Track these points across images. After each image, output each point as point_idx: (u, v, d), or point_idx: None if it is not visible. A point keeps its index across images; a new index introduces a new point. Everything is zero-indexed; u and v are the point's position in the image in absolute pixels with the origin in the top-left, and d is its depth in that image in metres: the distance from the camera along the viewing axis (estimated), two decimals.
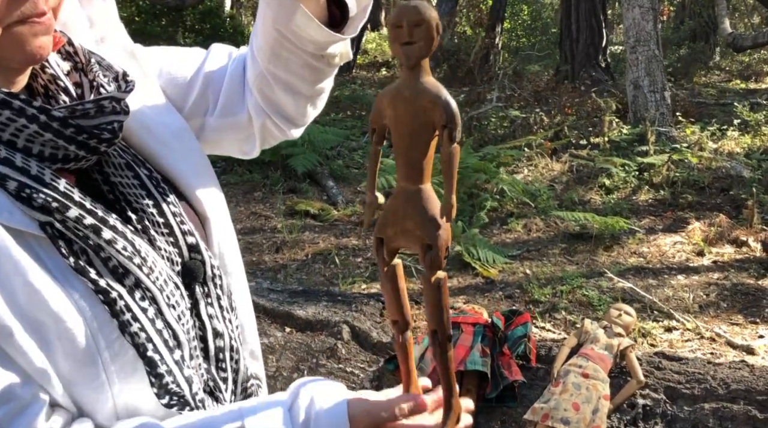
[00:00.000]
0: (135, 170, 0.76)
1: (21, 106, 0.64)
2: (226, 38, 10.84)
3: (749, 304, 3.82)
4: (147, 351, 0.68)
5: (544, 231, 5.04)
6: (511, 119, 7.61)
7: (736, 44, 8.82)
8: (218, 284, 0.82)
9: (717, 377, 1.27)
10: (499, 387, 1.28)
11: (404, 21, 0.57)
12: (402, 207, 0.65)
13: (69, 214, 0.65)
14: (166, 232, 0.76)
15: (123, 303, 0.67)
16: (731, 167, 5.89)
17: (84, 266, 0.66)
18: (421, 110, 0.61)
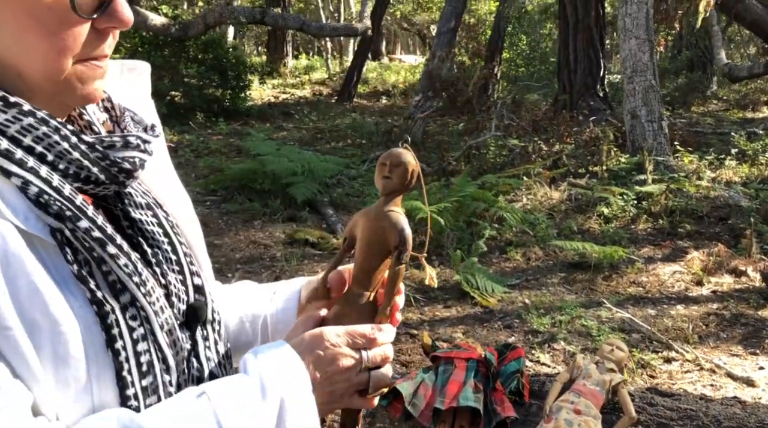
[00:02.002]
0: (154, 210, 0.81)
1: (57, 126, 0.70)
2: (228, 68, 11.00)
3: (749, 335, 3.81)
4: (122, 370, 0.70)
5: (543, 260, 5.04)
6: (509, 147, 7.67)
7: (732, 74, 8.92)
8: (216, 329, 0.84)
9: (709, 413, 1.27)
10: (491, 423, 1.28)
11: (388, 161, 0.76)
12: (343, 308, 0.79)
13: (80, 224, 0.68)
14: (177, 270, 0.80)
15: (113, 318, 0.69)
16: (729, 196, 5.91)
17: (85, 275, 0.68)
18: (381, 229, 0.75)
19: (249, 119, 11.32)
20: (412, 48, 30.11)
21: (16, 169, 0.66)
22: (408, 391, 1.33)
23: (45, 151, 0.69)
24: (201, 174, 7.44)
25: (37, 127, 0.68)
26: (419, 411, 1.31)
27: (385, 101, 13.51)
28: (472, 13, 14.38)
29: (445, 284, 4.58)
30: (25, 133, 0.68)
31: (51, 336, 0.66)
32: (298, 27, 11.26)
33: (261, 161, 6.67)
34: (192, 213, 0.92)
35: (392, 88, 14.88)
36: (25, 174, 0.66)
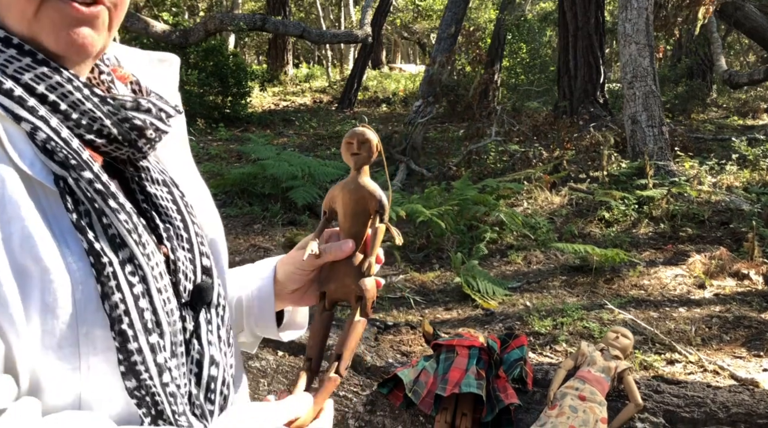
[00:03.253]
0: (170, 188, 0.80)
1: (70, 76, 0.70)
2: (229, 75, 11.01)
3: (752, 337, 3.78)
4: (122, 323, 0.68)
5: (544, 263, 5.01)
6: (510, 153, 7.66)
7: (732, 81, 8.93)
8: (221, 314, 0.83)
9: (717, 400, 1.24)
10: (494, 411, 1.25)
11: (355, 139, 0.84)
12: (344, 268, 0.86)
13: (83, 174, 0.67)
14: (187, 247, 0.78)
15: (111, 271, 0.67)
16: (731, 200, 5.90)
17: (84, 226, 0.67)
18: (362, 199, 0.85)
19: (249, 125, 11.32)
20: (412, 57, 30.20)
21: (27, 115, 0.66)
22: (409, 378, 1.31)
23: (58, 100, 0.69)
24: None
25: (50, 76, 0.68)
26: (420, 399, 1.28)
27: (385, 109, 13.52)
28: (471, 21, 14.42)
29: (446, 286, 4.56)
30: (39, 81, 0.68)
31: (41, 283, 0.64)
32: (299, 34, 11.29)
33: (261, 165, 6.66)
34: (211, 202, 0.91)
35: (392, 95, 14.91)
36: (35, 121, 0.66)
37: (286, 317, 1.01)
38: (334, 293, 0.87)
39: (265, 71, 16.32)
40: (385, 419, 1.31)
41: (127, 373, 0.69)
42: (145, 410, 0.71)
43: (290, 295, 0.95)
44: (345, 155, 0.86)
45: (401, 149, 8.06)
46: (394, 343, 1.52)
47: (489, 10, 19.12)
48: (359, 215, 0.86)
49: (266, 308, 0.95)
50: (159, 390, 0.71)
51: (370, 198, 0.85)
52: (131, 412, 0.71)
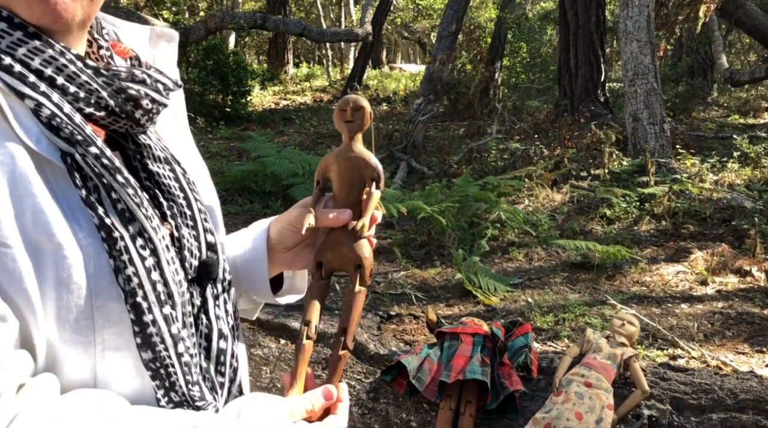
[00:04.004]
0: (172, 165, 0.80)
1: (62, 49, 0.68)
2: (229, 74, 11.00)
3: (755, 333, 3.76)
4: (136, 296, 0.68)
5: (546, 260, 5.00)
6: (511, 151, 7.65)
7: (733, 79, 8.92)
8: (227, 288, 0.83)
9: (725, 387, 1.23)
10: (499, 398, 1.23)
11: (348, 107, 0.83)
12: (341, 237, 0.85)
13: (90, 150, 0.67)
14: (191, 225, 0.79)
15: (123, 245, 0.67)
16: (732, 198, 5.88)
17: (93, 201, 0.67)
18: (357, 167, 0.84)
19: (250, 124, 11.31)
20: (412, 57, 30.20)
21: (30, 91, 0.66)
22: (412, 365, 1.29)
23: (54, 74, 0.68)
24: None
25: (43, 49, 0.67)
26: (424, 386, 1.27)
27: (386, 107, 13.51)
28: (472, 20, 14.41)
29: (447, 282, 4.54)
30: (33, 55, 0.67)
31: (54, 259, 0.64)
32: (299, 32, 11.28)
33: (262, 162, 6.65)
34: (208, 177, 0.91)
35: (393, 95, 14.90)
36: (38, 97, 0.66)
37: (285, 283, 1.00)
38: (331, 262, 0.86)
39: (266, 70, 16.31)
40: (388, 406, 1.29)
41: (143, 345, 0.69)
42: (158, 382, 0.71)
43: (283, 255, 0.94)
44: (338, 122, 0.85)
45: (402, 147, 8.05)
46: (397, 332, 1.51)
47: (489, 9, 19.12)
48: (354, 184, 0.85)
49: (260, 270, 0.93)
50: (174, 360, 0.72)
51: (365, 166, 0.84)
52: (144, 387, 0.71)
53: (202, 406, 0.74)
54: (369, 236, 0.87)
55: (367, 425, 1.27)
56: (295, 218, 0.92)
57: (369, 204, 0.84)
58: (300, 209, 0.92)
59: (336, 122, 0.85)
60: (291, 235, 0.92)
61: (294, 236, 0.92)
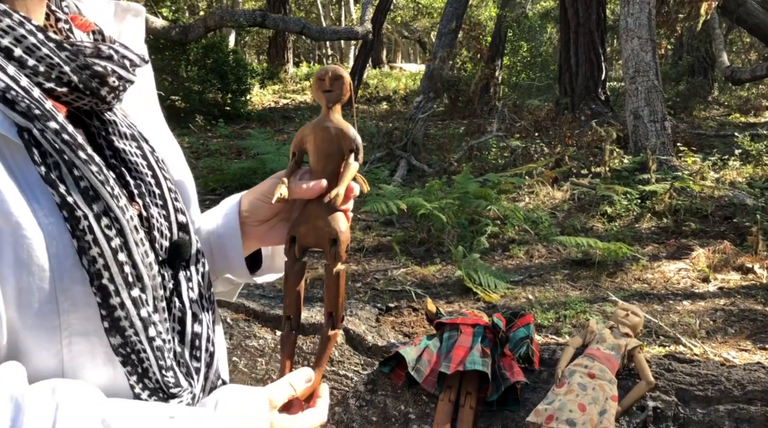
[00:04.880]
0: (139, 143, 0.76)
1: (21, 20, 0.64)
2: (229, 72, 10.97)
3: (757, 330, 3.73)
4: (102, 278, 0.64)
5: (546, 258, 4.97)
6: (511, 148, 7.62)
7: (734, 77, 8.89)
8: (200, 270, 0.80)
9: (732, 378, 1.20)
10: (500, 389, 1.20)
11: (327, 76, 0.81)
12: (315, 210, 0.82)
13: (49, 124, 0.63)
14: (160, 204, 0.75)
15: (86, 224, 0.64)
16: (734, 195, 5.85)
17: (54, 179, 0.63)
18: (336, 138, 0.81)
19: (249, 122, 11.28)
20: (412, 57, 30.18)
21: None
22: (411, 356, 1.26)
23: (11, 45, 0.63)
24: (201, 174, 7.38)
25: (0, 19, 0.63)
26: (423, 377, 1.23)
27: (386, 106, 13.47)
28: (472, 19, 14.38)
29: (447, 280, 4.51)
30: None
31: (13, 239, 0.60)
32: (299, 30, 11.26)
33: (261, 160, 6.62)
34: (182, 157, 0.87)
35: (393, 94, 14.87)
36: None
37: (265, 262, 0.96)
38: (305, 237, 0.82)
39: (265, 69, 16.28)
40: (386, 398, 1.26)
41: (111, 329, 0.66)
42: (130, 368, 0.68)
43: (256, 229, 0.90)
44: (316, 93, 0.82)
45: (402, 145, 8.01)
46: (396, 324, 1.48)
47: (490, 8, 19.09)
48: (332, 156, 0.82)
49: (234, 245, 0.89)
50: (145, 345, 0.68)
51: (343, 137, 0.81)
52: (116, 374, 0.68)
53: (177, 393, 0.71)
54: (346, 209, 0.84)
55: (364, 417, 1.24)
56: (267, 188, 0.88)
57: (345, 174, 0.81)
58: (273, 180, 0.88)
59: (314, 92, 0.82)
60: (264, 207, 0.88)
61: (267, 207, 0.88)
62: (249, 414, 0.72)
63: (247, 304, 1.51)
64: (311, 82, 0.81)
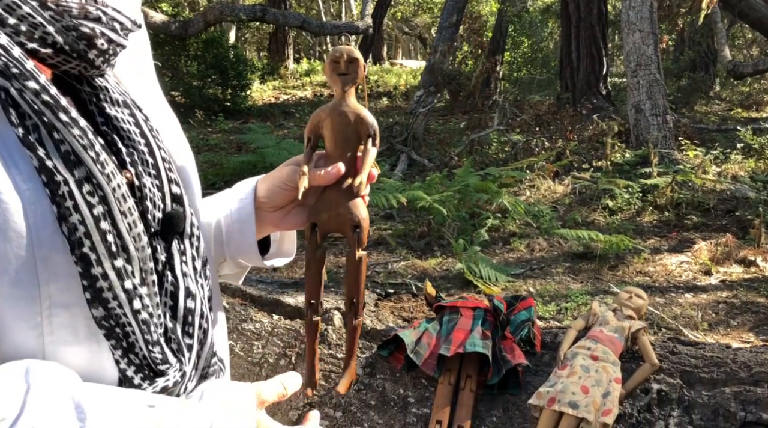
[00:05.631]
0: (131, 110, 0.73)
1: None
2: (229, 67, 10.94)
3: (760, 322, 3.71)
4: (83, 247, 0.61)
5: (548, 251, 4.94)
6: (512, 142, 7.59)
7: (736, 71, 8.85)
8: (195, 244, 0.77)
9: (738, 360, 1.17)
10: (501, 372, 1.18)
11: (342, 59, 0.77)
12: (336, 197, 0.80)
13: (28, 84, 0.60)
14: (153, 174, 0.72)
15: (67, 190, 0.61)
16: (736, 189, 5.82)
17: (33, 142, 0.60)
18: (353, 123, 0.79)
19: (249, 117, 11.25)
20: (413, 53, 30.12)
21: None
22: (410, 339, 1.24)
23: None
24: (200, 169, 7.32)
25: None
26: (422, 360, 1.21)
27: (387, 102, 13.44)
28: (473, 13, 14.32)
29: (448, 273, 4.49)
30: None
31: None
32: (299, 25, 11.22)
33: (261, 154, 6.60)
34: (179, 129, 0.84)
35: (393, 89, 14.83)
36: None
37: (273, 247, 0.95)
38: (327, 224, 0.81)
39: (265, 64, 16.25)
40: (385, 382, 1.24)
41: (93, 300, 0.63)
42: (114, 342, 0.65)
43: (272, 215, 0.89)
44: (331, 76, 0.79)
45: (402, 140, 7.98)
46: (395, 309, 1.45)
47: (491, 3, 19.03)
48: (350, 141, 0.80)
49: (247, 230, 0.88)
50: (130, 318, 0.65)
51: (361, 122, 0.79)
52: (101, 348, 0.65)
53: (164, 370, 0.68)
54: (364, 195, 0.82)
55: (363, 401, 1.22)
56: (287, 175, 0.87)
57: (366, 161, 0.79)
58: (291, 167, 0.87)
59: (328, 75, 0.79)
60: (282, 193, 0.87)
61: (285, 194, 0.87)
62: (234, 408, 0.70)
63: (244, 289, 1.49)
64: (324, 66, 0.80)
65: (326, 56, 0.80)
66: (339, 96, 0.80)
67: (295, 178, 0.85)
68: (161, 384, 0.68)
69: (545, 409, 1.11)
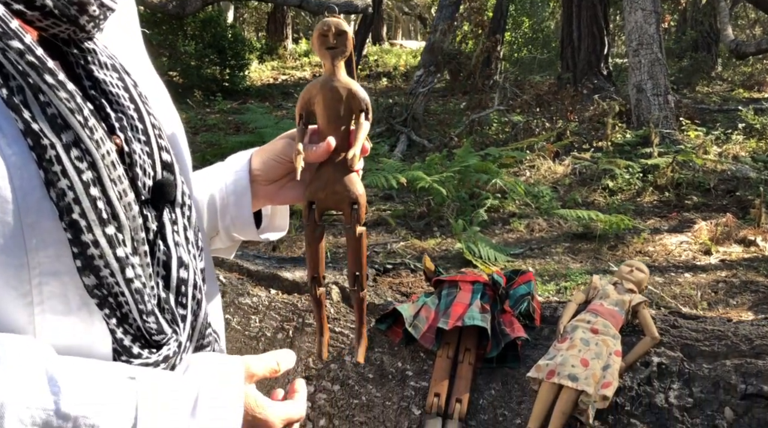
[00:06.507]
0: (120, 74, 0.71)
1: None
2: (227, 47, 10.85)
3: (759, 301, 3.71)
4: (72, 213, 0.59)
5: (547, 231, 4.93)
6: (512, 123, 7.54)
7: (739, 50, 8.77)
8: (186, 214, 0.75)
9: (739, 333, 1.16)
10: (500, 346, 1.17)
11: (330, 31, 0.76)
12: (332, 174, 0.79)
13: (11, 43, 0.58)
14: (143, 140, 0.70)
15: (54, 154, 0.59)
16: (737, 169, 5.80)
17: (18, 103, 0.58)
18: (344, 98, 0.78)
19: (248, 98, 11.18)
20: (413, 34, 29.87)
21: None
22: (408, 313, 1.23)
23: None
24: (198, 149, 7.32)
25: None
26: (421, 333, 1.20)
27: (386, 83, 13.35)
28: None
29: (447, 253, 4.48)
30: None
31: None
32: (297, 4, 11.09)
33: (260, 134, 6.56)
34: (168, 97, 0.82)
35: (393, 70, 14.72)
36: None
37: (264, 221, 0.94)
38: (325, 201, 0.81)
39: (264, 44, 16.12)
40: (383, 355, 1.23)
41: (84, 269, 0.61)
42: (108, 311, 0.63)
43: (266, 188, 0.88)
44: (319, 49, 0.77)
45: (402, 120, 7.93)
46: (394, 284, 1.44)
47: None
48: (342, 117, 0.79)
49: (243, 203, 0.87)
50: (123, 288, 0.63)
51: (353, 97, 0.78)
52: (93, 318, 0.64)
53: (160, 340, 0.67)
54: (358, 169, 0.82)
55: (360, 374, 1.21)
56: (281, 148, 0.86)
57: (359, 134, 0.79)
58: (286, 140, 0.86)
59: (317, 49, 0.78)
60: (277, 166, 0.86)
61: (280, 167, 0.86)
62: (223, 379, 0.68)
63: (241, 263, 1.48)
64: (312, 41, 0.78)
65: (318, 25, 0.78)
66: (329, 70, 0.78)
67: (290, 151, 0.85)
68: (164, 353, 0.67)
69: (544, 382, 1.10)
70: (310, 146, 0.79)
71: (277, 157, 0.86)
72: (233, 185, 0.88)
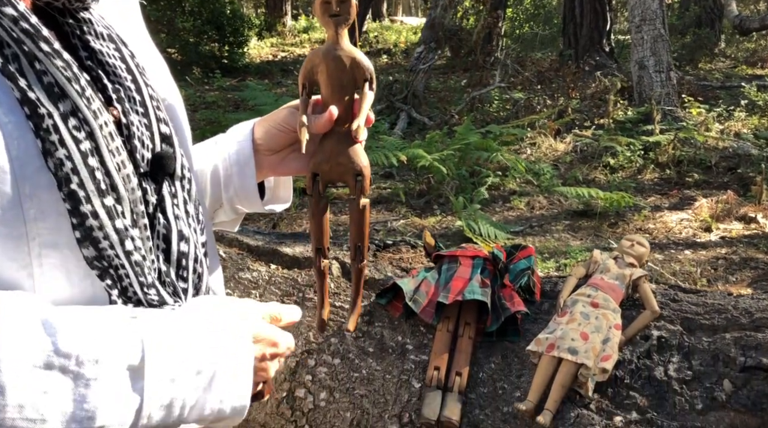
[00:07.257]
0: (117, 44, 0.69)
1: None
2: (225, 23, 10.73)
3: (759, 278, 3.71)
4: (70, 183, 0.59)
5: (548, 209, 4.93)
6: (514, 100, 7.49)
7: (743, 26, 8.68)
8: (186, 187, 0.74)
9: (739, 307, 1.16)
10: (500, 320, 1.17)
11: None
12: (336, 146, 0.79)
13: (5, 10, 0.57)
14: (141, 112, 0.69)
15: (51, 123, 0.58)
16: (738, 146, 5.77)
17: (13, 71, 0.57)
18: (348, 68, 0.77)
19: (247, 75, 11.09)
20: (413, 10, 29.56)
21: None
22: (409, 287, 1.23)
23: None
24: (198, 126, 7.29)
25: None
26: (421, 308, 1.20)
27: (386, 59, 13.24)
28: None
29: (447, 231, 4.48)
30: None
31: None
32: None
33: (259, 111, 6.52)
34: (166, 70, 0.81)
35: (393, 47, 14.59)
36: None
37: (267, 193, 0.93)
38: (328, 174, 0.80)
39: (263, 21, 15.95)
40: (383, 330, 1.23)
41: (83, 240, 0.60)
42: (110, 282, 0.63)
43: (269, 159, 0.87)
44: (322, 18, 0.76)
45: (402, 98, 7.88)
46: (394, 260, 1.44)
47: None
48: (346, 87, 0.78)
49: (246, 173, 0.86)
50: (123, 260, 0.63)
51: (357, 67, 0.77)
52: (95, 290, 0.63)
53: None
54: (361, 140, 0.80)
55: (361, 348, 1.21)
56: (284, 118, 0.85)
57: (363, 104, 0.78)
58: (289, 109, 0.86)
59: (319, 17, 0.77)
60: (279, 136, 0.85)
61: (282, 136, 0.85)
62: (223, 316, 0.69)
63: (241, 239, 1.48)
64: (315, 8, 0.76)
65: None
66: (332, 38, 0.77)
67: (292, 120, 0.84)
68: None
69: (544, 355, 1.11)
70: (313, 117, 0.78)
71: (279, 126, 0.85)
72: (236, 155, 0.87)
